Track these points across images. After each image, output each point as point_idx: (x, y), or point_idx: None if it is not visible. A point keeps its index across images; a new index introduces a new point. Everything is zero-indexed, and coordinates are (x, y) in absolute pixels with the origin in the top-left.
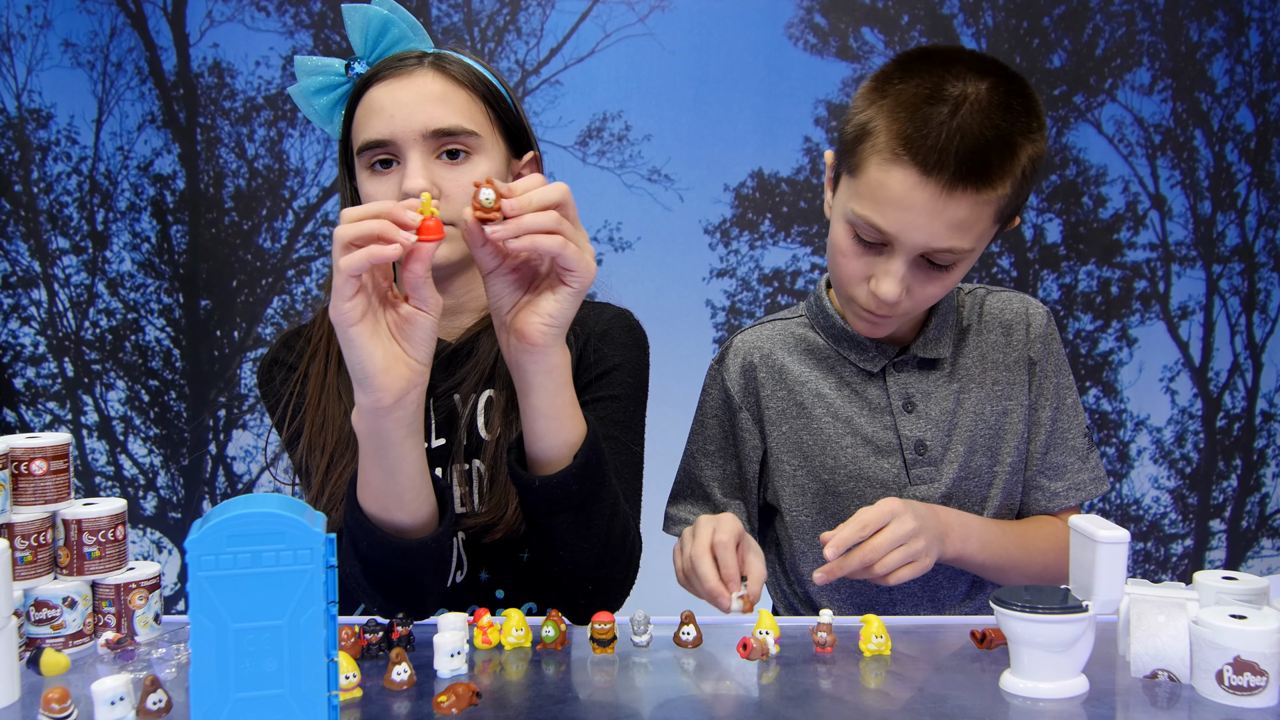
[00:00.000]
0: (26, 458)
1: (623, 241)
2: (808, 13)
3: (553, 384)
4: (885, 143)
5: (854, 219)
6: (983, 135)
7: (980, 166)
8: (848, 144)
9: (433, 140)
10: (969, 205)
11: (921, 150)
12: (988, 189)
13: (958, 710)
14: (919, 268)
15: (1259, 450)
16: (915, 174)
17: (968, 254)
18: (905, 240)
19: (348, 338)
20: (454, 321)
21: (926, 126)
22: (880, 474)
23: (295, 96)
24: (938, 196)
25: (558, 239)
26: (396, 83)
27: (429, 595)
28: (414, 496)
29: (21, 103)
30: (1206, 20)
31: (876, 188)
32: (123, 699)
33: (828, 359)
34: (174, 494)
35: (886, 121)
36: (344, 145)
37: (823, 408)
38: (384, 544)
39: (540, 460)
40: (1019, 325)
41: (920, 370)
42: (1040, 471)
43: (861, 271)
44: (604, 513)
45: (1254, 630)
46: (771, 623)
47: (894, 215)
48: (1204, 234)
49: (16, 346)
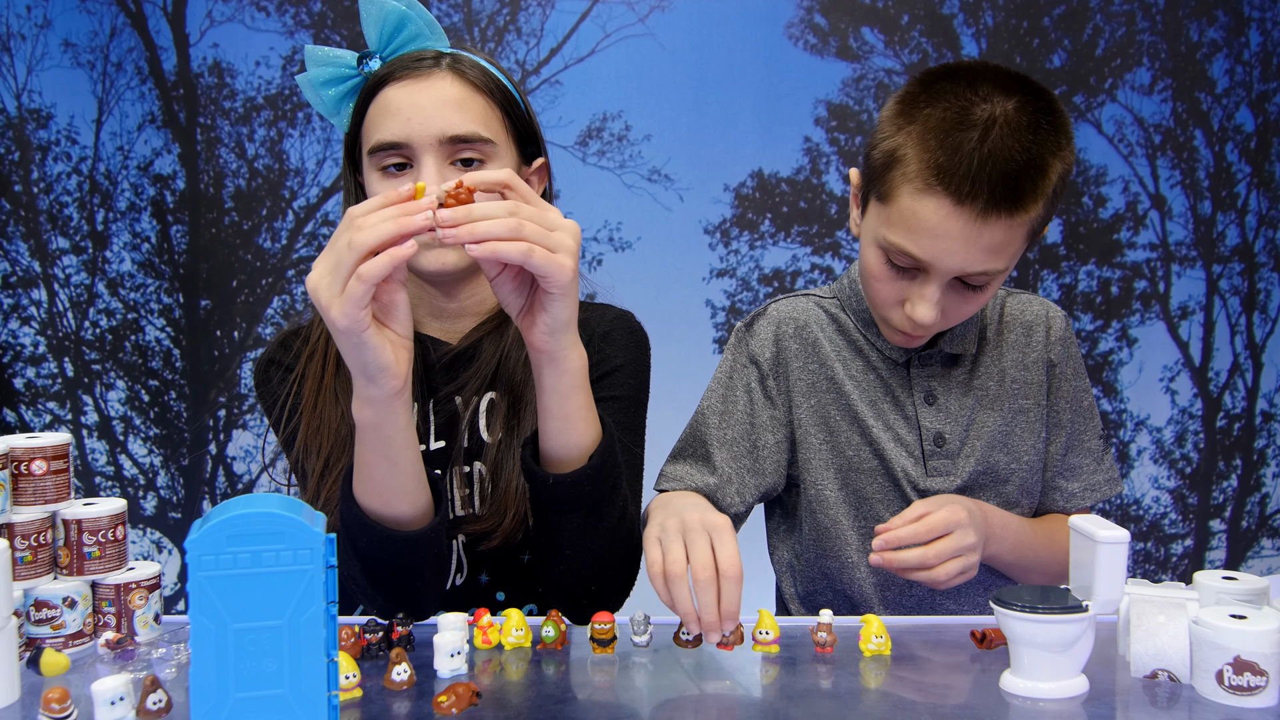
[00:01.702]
0: (26, 458)
1: (623, 241)
2: (808, 13)
3: (565, 387)
4: (916, 171)
5: (887, 245)
6: (1014, 159)
7: (1013, 192)
8: (876, 170)
9: (448, 146)
10: (1003, 229)
11: (954, 179)
12: (1021, 212)
13: (958, 710)
14: (953, 290)
15: (1259, 450)
16: (949, 203)
17: (1001, 273)
18: (940, 266)
19: (360, 341)
20: (457, 325)
21: (958, 155)
22: (901, 462)
23: (303, 85)
24: (972, 224)
25: (521, 247)
26: (414, 84)
27: (428, 594)
28: (415, 485)
29: (21, 103)
30: (1206, 20)
31: (909, 216)
32: (123, 699)
33: (856, 342)
34: (174, 494)
35: (916, 150)
36: (351, 141)
37: (852, 385)
38: (382, 537)
39: (553, 459)
40: (1039, 327)
41: (943, 365)
42: (1059, 473)
43: (896, 295)
44: (614, 515)
45: (1254, 630)
46: (771, 622)
47: (928, 244)
48: (1204, 234)
49: (16, 346)
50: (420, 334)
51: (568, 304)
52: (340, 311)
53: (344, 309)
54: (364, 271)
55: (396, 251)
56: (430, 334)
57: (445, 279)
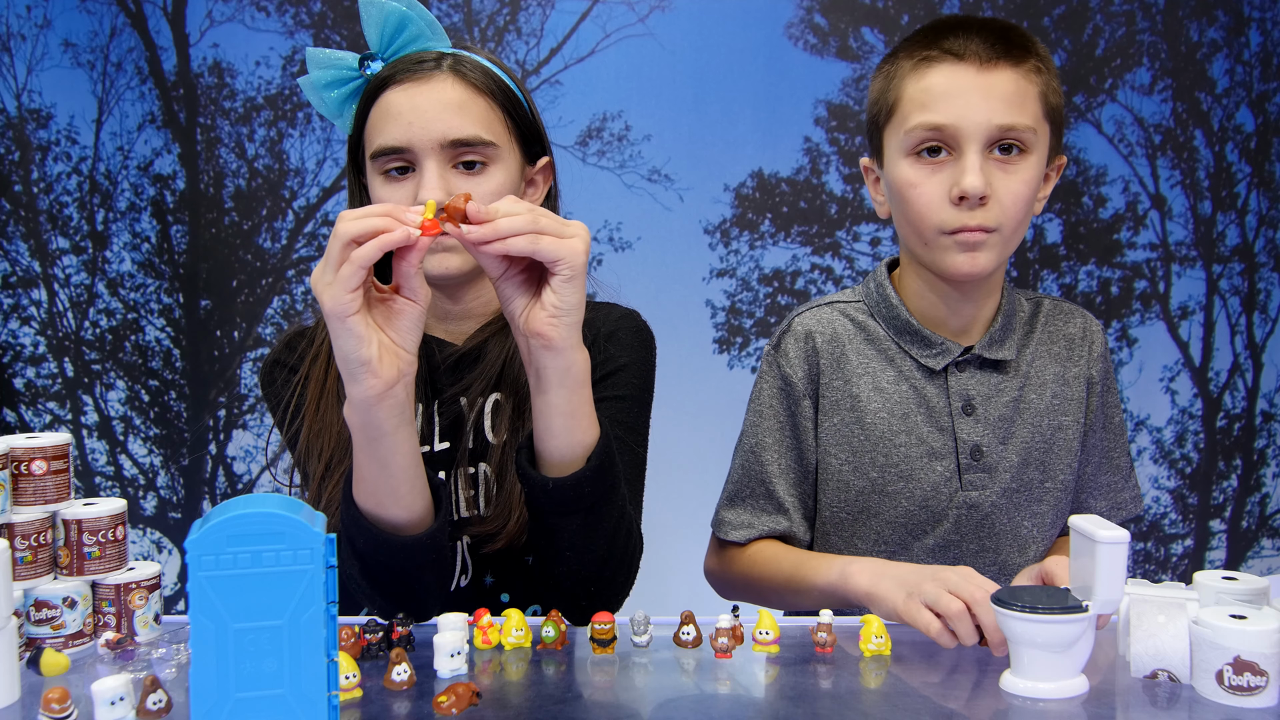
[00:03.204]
0: (26, 458)
1: (623, 241)
2: (808, 13)
3: (571, 382)
4: (910, 66)
5: (912, 139)
6: (994, 22)
7: (1004, 41)
8: (876, 113)
9: (450, 150)
10: (1010, 78)
11: (945, 45)
12: (1022, 62)
13: (957, 710)
14: (992, 164)
15: (1259, 450)
16: (949, 63)
17: (1033, 141)
18: (967, 126)
19: (345, 327)
20: (461, 326)
21: (943, 31)
22: (932, 477)
23: (305, 88)
24: (978, 73)
25: (526, 238)
26: (415, 87)
27: (429, 596)
28: (408, 490)
29: (21, 103)
30: (1206, 20)
31: (921, 95)
32: (123, 699)
33: (887, 351)
34: (174, 494)
35: (904, 60)
36: (354, 143)
37: (879, 401)
38: (379, 541)
39: (552, 460)
40: (1082, 343)
41: (983, 371)
42: (1090, 493)
43: (939, 191)
44: (613, 516)
45: (1254, 630)
46: (771, 622)
47: (945, 106)
48: (1204, 234)
49: (16, 346)
50: (425, 335)
51: (575, 287)
52: (330, 295)
53: (332, 291)
54: (355, 255)
55: (385, 237)
56: (435, 335)
57: (449, 282)
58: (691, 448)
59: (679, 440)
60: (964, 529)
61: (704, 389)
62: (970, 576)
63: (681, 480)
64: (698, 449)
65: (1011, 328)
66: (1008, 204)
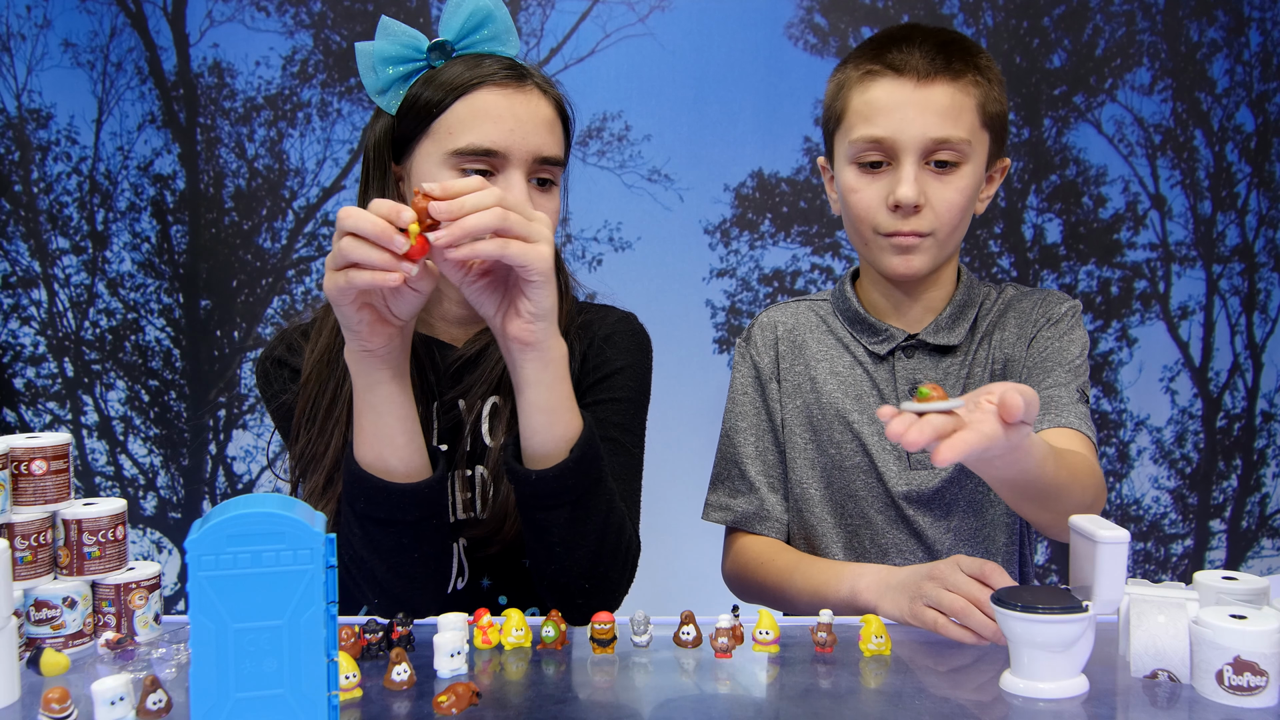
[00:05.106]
0: (26, 458)
1: (623, 241)
2: (808, 13)
3: (550, 377)
4: (857, 78)
5: (854, 149)
6: (938, 35)
7: (943, 56)
8: (829, 120)
9: (534, 164)
10: (948, 92)
11: (888, 59)
12: (961, 76)
13: (958, 710)
14: (927, 173)
15: (1259, 450)
16: (889, 78)
17: (968, 151)
18: (903, 138)
19: (340, 311)
20: (463, 329)
21: (888, 41)
22: (881, 456)
23: (360, 54)
24: (916, 88)
25: (495, 243)
26: (514, 95)
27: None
28: (405, 442)
29: (21, 103)
30: (1206, 20)
31: (862, 109)
32: (123, 699)
33: (843, 339)
34: (174, 494)
35: (853, 70)
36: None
37: (834, 383)
38: (378, 489)
39: (537, 456)
40: (1037, 311)
41: (931, 357)
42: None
43: (877, 197)
44: (601, 508)
45: (1254, 630)
46: (771, 622)
47: (884, 120)
48: (1204, 234)
49: (16, 346)
50: (428, 337)
51: (549, 290)
52: (329, 281)
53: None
54: (353, 276)
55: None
56: (438, 338)
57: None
58: (691, 448)
59: (679, 440)
60: (921, 500)
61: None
62: (957, 567)
63: (681, 481)
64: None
65: (964, 317)
66: (941, 211)
